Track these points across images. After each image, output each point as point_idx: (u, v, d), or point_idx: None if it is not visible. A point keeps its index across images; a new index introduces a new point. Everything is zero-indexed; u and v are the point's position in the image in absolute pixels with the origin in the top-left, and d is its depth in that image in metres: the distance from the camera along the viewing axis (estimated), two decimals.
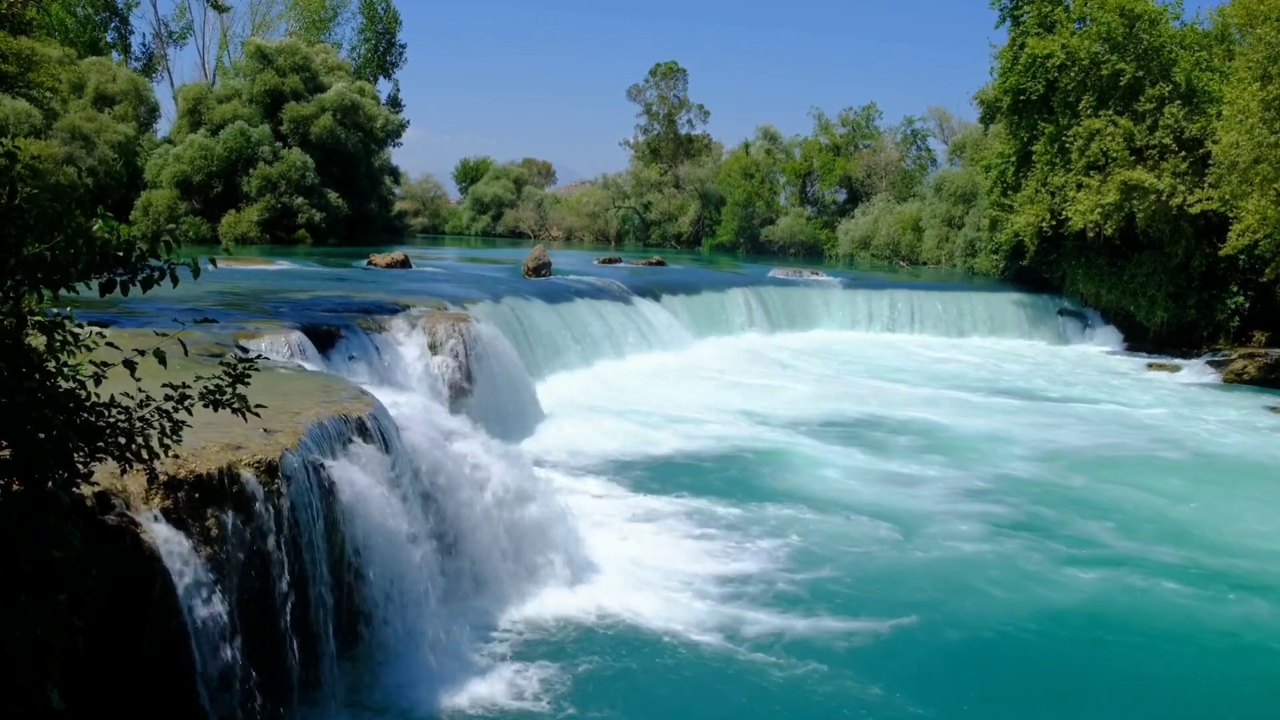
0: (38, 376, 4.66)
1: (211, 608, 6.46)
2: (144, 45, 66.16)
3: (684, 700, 8.47)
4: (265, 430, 7.51)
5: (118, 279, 4.80)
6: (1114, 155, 31.40)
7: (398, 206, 63.20)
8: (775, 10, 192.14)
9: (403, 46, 70.72)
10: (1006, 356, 30.96)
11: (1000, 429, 19.66)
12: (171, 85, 63.63)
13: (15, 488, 4.63)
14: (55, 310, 4.84)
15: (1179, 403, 24.00)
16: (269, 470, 7.24)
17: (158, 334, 5.57)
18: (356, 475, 8.24)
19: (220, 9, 62.64)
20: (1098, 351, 33.33)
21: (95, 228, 4.73)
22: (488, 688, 8.27)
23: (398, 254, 31.21)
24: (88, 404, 4.86)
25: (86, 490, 5.43)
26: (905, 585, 11.12)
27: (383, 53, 69.45)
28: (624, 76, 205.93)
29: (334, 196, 48.71)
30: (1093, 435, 19.51)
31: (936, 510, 13.93)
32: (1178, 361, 29.94)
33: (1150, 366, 29.87)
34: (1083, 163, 32.26)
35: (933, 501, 14.41)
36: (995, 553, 12.28)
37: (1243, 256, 29.07)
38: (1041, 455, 17.54)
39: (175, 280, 4.85)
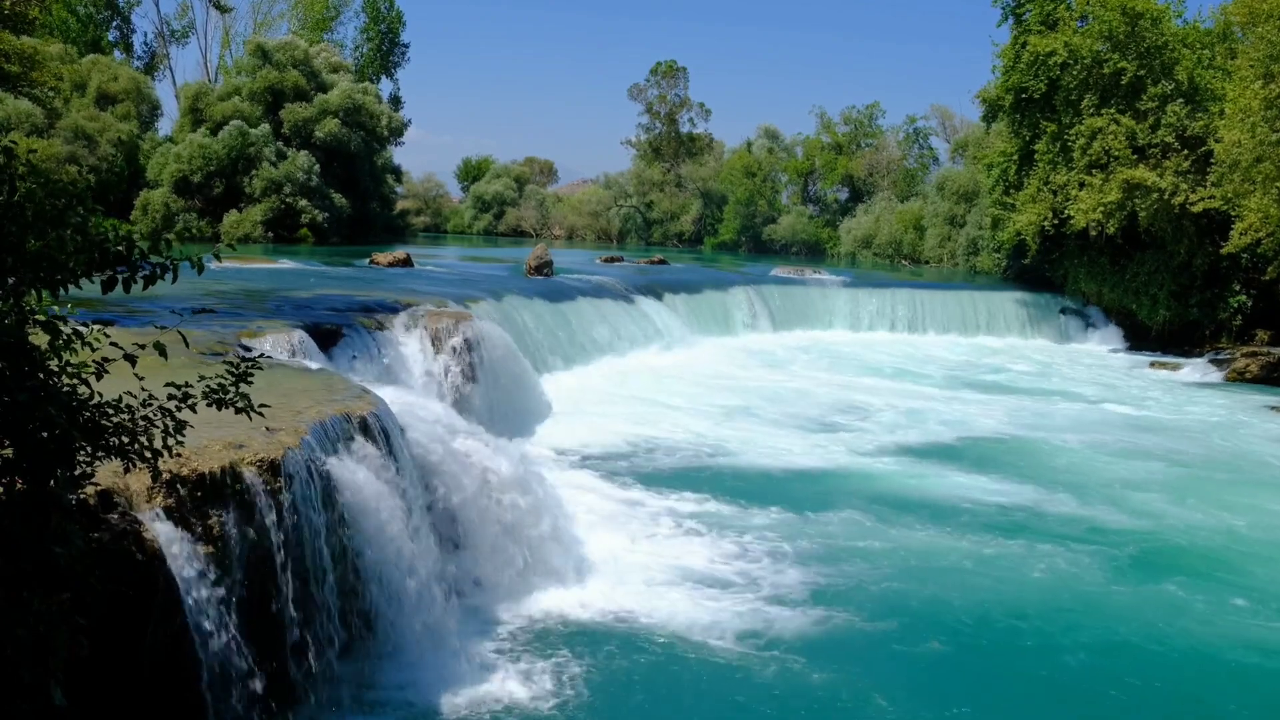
0: (40, 375, 4.66)
1: (214, 606, 6.46)
2: (146, 44, 66.40)
3: (687, 701, 8.44)
4: (267, 429, 7.51)
5: (119, 275, 4.80)
6: (1116, 154, 31.38)
7: (400, 206, 63.27)
8: (776, 9, 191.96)
9: (405, 46, 70.89)
10: (1010, 356, 30.94)
11: (1008, 427, 19.60)
12: (174, 84, 63.83)
13: (18, 487, 4.63)
14: (56, 308, 4.84)
15: (1188, 403, 23.93)
16: (271, 469, 7.24)
17: (158, 329, 5.56)
18: (359, 474, 8.24)
19: (222, 9, 62.79)
20: (1100, 350, 33.34)
21: (93, 224, 4.73)
22: (490, 686, 8.26)
23: (400, 253, 31.21)
24: (90, 403, 4.86)
25: (89, 489, 5.43)
26: (923, 586, 11.10)
27: (385, 52, 69.50)
28: (625, 76, 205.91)
29: (337, 196, 48.75)
30: (1127, 440, 19.07)
31: (939, 509, 13.92)
32: (1180, 360, 29.94)
33: (1153, 365, 29.85)
34: (1085, 161, 32.24)
35: (943, 501, 14.40)
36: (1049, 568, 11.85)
37: (1245, 255, 29.08)
38: (1074, 460, 17.12)
39: (176, 276, 4.85)
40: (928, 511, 13.72)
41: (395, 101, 67.73)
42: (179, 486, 6.53)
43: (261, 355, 11.13)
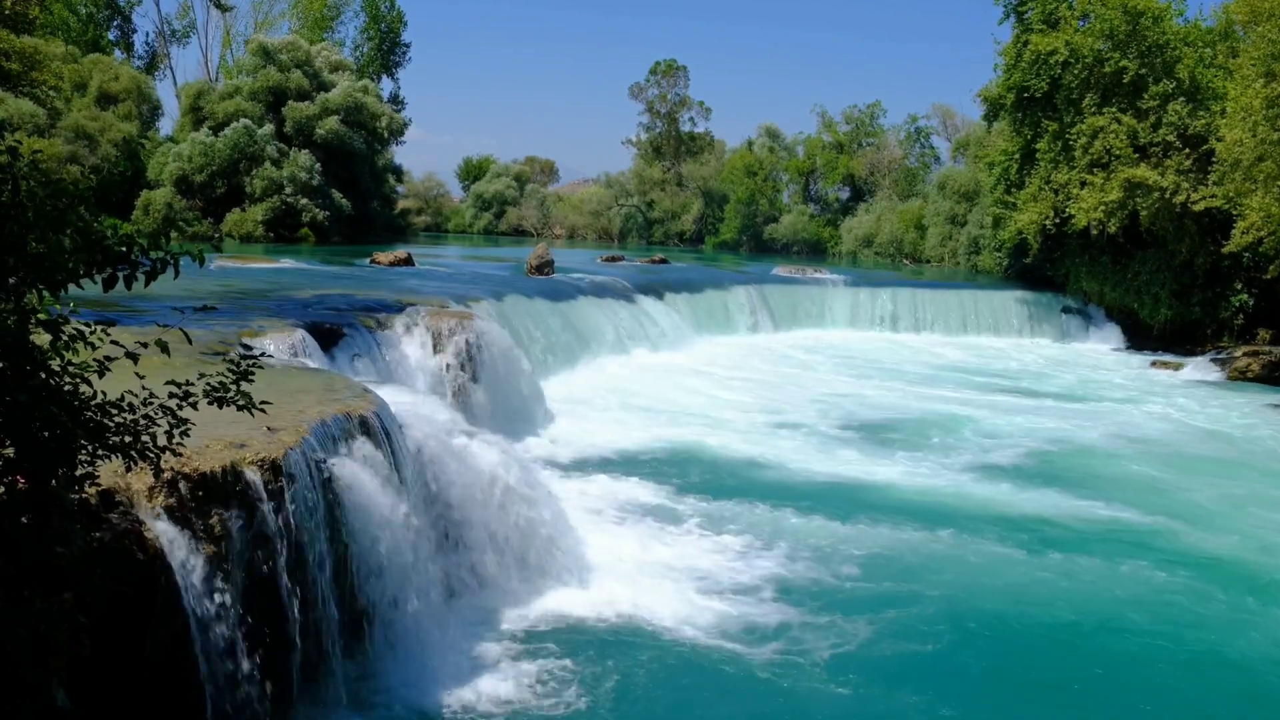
0: (42, 375, 4.65)
1: (215, 606, 6.46)
2: (147, 44, 66.38)
3: (689, 701, 8.44)
4: (268, 428, 7.51)
5: (120, 273, 4.79)
6: (1117, 153, 31.36)
7: (401, 205, 63.25)
8: (776, 9, 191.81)
9: (406, 46, 70.76)
10: (1016, 357, 30.91)
11: (1054, 435, 19.17)
12: (175, 84, 63.77)
13: (20, 486, 4.63)
14: (58, 307, 4.84)
15: (1224, 408, 23.60)
16: (272, 468, 7.24)
17: (160, 327, 5.56)
18: (359, 473, 8.24)
19: (223, 8, 62.79)
20: (1101, 349, 33.33)
21: (96, 225, 4.72)
22: (491, 685, 8.26)
23: (401, 252, 31.22)
24: (92, 402, 4.85)
25: (90, 489, 5.43)
26: (924, 580, 11.09)
27: (386, 52, 69.43)
28: (625, 76, 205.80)
29: (338, 196, 48.75)
30: (1182, 449, 18.64)
31: (957, 510, 13.92)
32: (1181, 359, 29.92)
33: (1154, 365, 29.83)
34: (1086, 160, 32.22)
35: (963, 503, 14.39)
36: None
37: (1246, 254, 29.05)
38: (1131, 473, 16.67)
39: (178, 271, 4.85)
40: (958, 519, 13.36)
41: (396, 101, 67.69)
42: (180, 486, 6.53)
43: (263, 354, 11.13)
